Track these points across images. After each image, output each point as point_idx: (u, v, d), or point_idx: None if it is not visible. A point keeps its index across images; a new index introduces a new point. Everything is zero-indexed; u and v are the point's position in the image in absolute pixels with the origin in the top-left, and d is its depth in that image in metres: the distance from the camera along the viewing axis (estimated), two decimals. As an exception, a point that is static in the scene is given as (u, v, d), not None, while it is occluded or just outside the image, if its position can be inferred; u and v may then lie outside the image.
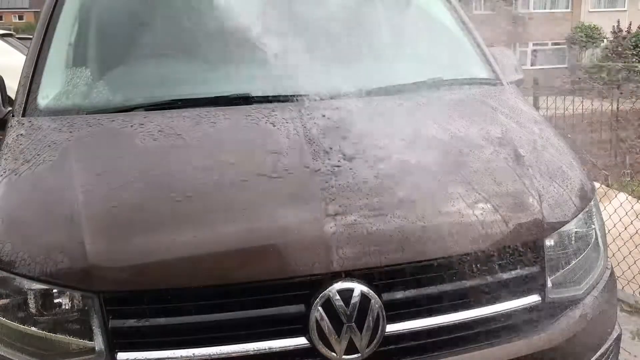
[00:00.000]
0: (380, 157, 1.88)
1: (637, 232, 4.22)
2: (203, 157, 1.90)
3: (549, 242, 1.83)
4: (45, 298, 1.61)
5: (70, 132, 2.04)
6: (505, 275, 1.75)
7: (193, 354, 1.57)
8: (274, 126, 2.01)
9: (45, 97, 2.26)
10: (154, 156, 1.91)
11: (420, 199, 1.74)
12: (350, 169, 1.81)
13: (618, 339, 2.08)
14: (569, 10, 34.28)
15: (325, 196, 1.70)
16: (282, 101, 2.17)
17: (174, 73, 2.34)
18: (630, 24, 31.23)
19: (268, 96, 2.20)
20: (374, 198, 1.72)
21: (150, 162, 1.88)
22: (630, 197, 5.09)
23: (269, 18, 2.55)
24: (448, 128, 2.10)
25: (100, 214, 1.69)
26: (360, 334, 1.59)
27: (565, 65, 32.54)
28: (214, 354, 1.58)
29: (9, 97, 2.49)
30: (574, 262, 1.91)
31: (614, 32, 31.68)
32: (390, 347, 1.65)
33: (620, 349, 2.15)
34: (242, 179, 1.79)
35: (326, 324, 1.58)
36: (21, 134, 2.09)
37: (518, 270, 1.77)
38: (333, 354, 1.59)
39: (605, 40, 32.33)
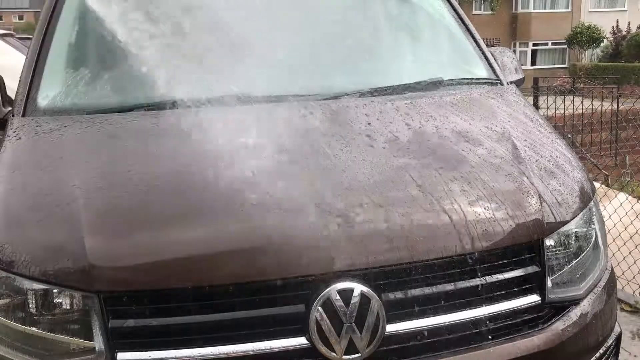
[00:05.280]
0: (380, 157, 1.88)
1: (637, 232, 4.23)
2: (203, 156, 1.90)
3: (549, 242, 1.83)
4: (45, 298, 1.61)
5: (70, 132, 2.04)
6: (505, 275, 1.75)
7: (193, 354, 1.57)
8: (274, 126, 2.01)
9: (45, 97, 2.26)
10: (153, 156, 1.91)
11: (420, 198, 1.74)
12: (350, 168, 1.81)
13: (618, 339, 2.08)
14: (569, 10, 34.28)
15: (325, 196, 1.70)
16: (282, 101, 2.17)
17: (174, 73, 2.34)
18: (629, 24, 31.25)
19: (268, 96, 2.20)
20: (374, 198, 1.72)
21: (150, 161, 1.88)
22: (630, 197, 5.10)
23: (270, 18, 2.55)
24: (448, 128, 2.10)
25: (100, 213, 1.69)
26: (360, 334, 1.59)
27: (565, 65, 32.58)
28: (214, 354, 1.58)
29: (9, 97, 2.49)
30: (574, 262, 1.91)
31: (613, 32, 31.71)
32: (390, 347, 1.65)
33: (620, 349, 2.15)
34: (242, 178, 1.79)
35: (326, 324, 1.58)
36: (21, 134, 2.09)
37: (518, 270, 1.77)
38: (333, 354, 1.59)
39: (605, 40, 32.34)
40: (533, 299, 1.80)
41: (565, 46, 33.70)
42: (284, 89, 2.25)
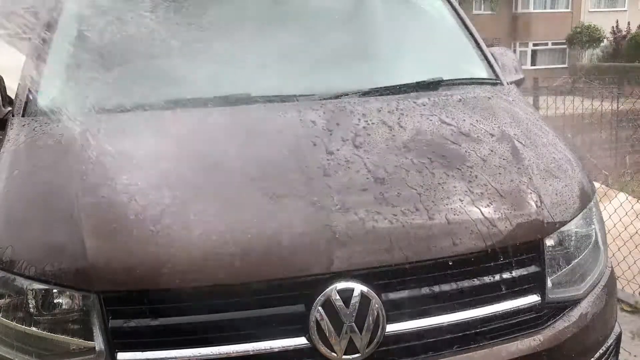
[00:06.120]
0: (380, 157, 1.88)
1: (637, 232, 4.23)
2: (203, 157, 1.90)
3: (549, 242, 1.83)
4: (45, 298, 1.61)
5: (70, 132, 2.04)
6: (505, 275, 1.75)
7: (193, 354, 1.57)
8: (274, 126, 2.01)
9: (46, 97, 2.26)
10: (153, 156, 1.91)
11: (420, 198, 1.74)
12: (350, 168, 1.81)
13: (618, 338, 2.08)
14: (569, 10, 34.27)
15: (325, 196, 1.70)
16: (283, 101, 2.17)
17: (174, 73, 2.34)
18: (629, 24, 31.25)
19: (268, 96, 2.20)
20: (374, 198, 1.72)
21: (149, 162, 1.88)
22: (630, 197, 5.10)
23: (270, 18, 2.55)
24: (448, 128, 2.10)
25: (100, 214, 1.69)
26: (360, 334, 1.59)
27: (565, 65, 32.58)
28: (214, 354, 1.58)
29: (9, 97, 2.49)
30: (574, 262, 1.91)
31: (613, 32, 31.72)
32: (390, 347, 1.65)
33: (620, 349, 2.15)
34: (242, 179, 1.79)
35: (326, 324, 1.58)
36: (21, 134, 2.09)
37: (518, 270, 1.77)
38: (333, 354, 1.59)
39: (605, 40, 32.35)
40: (533, 299, 1.80)
41: (565, 46, 33.70)
42: (284, 89, 2.25)
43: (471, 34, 2.76)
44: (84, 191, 1.75)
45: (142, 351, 1.58)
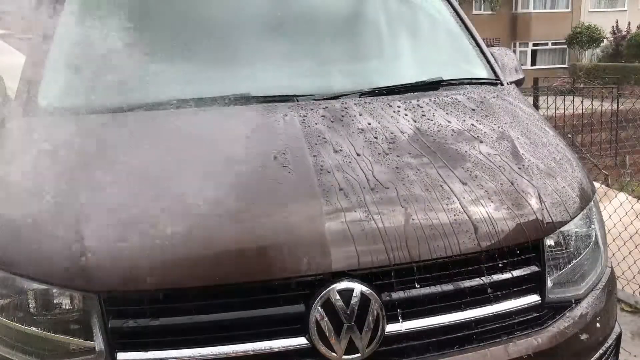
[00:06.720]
0: (380, 157, 1.88)
1: (637, 232, 4.23)
2: (203, 156, 1.90)
3: (549, 242, 1.83)
4: (45, 298, 1.61)
5: (71, 132, 2.04)
6: (505, 275, 1.75)
7: (193, 354, 1.57)
8: (273, 126, 2.01)
9: (45, 97, 2.26)
10: (154, 156, 1.91)
11: (420, 198, 1.74)
12: (350, 168, 1.81)
13: (618, 338, 2.08)
14: (569, 10, 34.27)
15: (325, 196, 1.70)
16: (281, 101, 2.17)
17: (175, 73, 2.34)
18: (629, 24, 31.27)
19: (267, 96, 2.20)
20: (374, 198, 1.72)
21: (150, 162, 1.88)
22: (630, 197, 5.10)
23: (269, 17, 2.55)
24: (448, 128, 2.10)
25: (100, 213, 1.69)
26: (360, 334, 1.59)
27: (565, 65, 32.58)
28: (213, 354, 1.58)
29: (9, 97, 2.49)
30: (574, 262, 1.91)
31: (613, 32, 31.73)
32: (390, 347, 1.65)
33: (620, 349, 2.16)
34: (241, 178, 1.79)
35: (326, 324, 1.58)
36: (21, 134, 2.09)
37: (518, 270, 1.77)
38: (333, 354, 1.59)
39: (605, 40, 32.35)
40: (533, 299, 1.80)
41: (565, 46, 33.70)
42: (283, 89, 2.25)
43: (471, 34, 2.77)
44: (84, 191, 1.75)
45: (142, 351, 1.58)
